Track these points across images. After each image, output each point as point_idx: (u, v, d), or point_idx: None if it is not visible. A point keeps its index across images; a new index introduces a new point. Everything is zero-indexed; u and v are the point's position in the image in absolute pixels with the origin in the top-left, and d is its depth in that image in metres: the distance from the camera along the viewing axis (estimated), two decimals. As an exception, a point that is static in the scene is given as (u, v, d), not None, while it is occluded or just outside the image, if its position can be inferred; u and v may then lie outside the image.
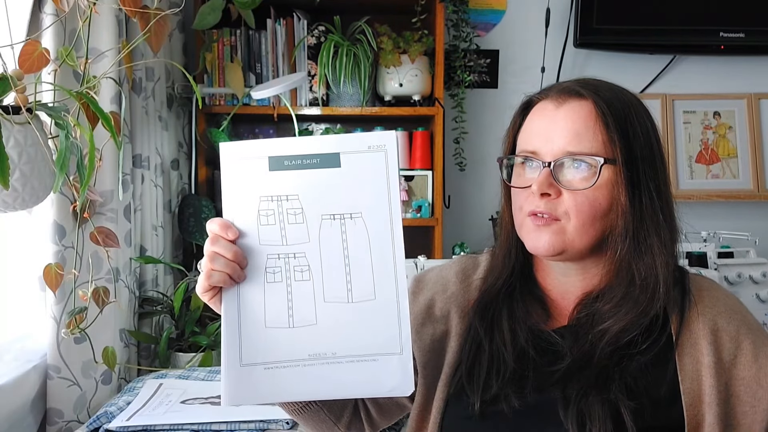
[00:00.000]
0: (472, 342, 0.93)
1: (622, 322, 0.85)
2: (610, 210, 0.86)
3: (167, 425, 1.29)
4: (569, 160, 0.86)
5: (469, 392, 0.89)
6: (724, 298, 0.91)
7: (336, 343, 0.80)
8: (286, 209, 0.80)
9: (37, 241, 1.43)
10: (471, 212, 2.49)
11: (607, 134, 0.85)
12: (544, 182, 0.86)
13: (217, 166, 2.23)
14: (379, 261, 0.80)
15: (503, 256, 0.97)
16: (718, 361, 0.84)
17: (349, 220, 0.80)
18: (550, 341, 0.90)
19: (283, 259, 0.80)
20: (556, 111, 0.88)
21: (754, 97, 2.49)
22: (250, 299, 0.80)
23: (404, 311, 0.80)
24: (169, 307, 1.82)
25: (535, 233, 0.87)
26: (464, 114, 2.38)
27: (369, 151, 0.81)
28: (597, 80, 0.92)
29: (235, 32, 2.18)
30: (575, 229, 0.86)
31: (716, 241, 2.07)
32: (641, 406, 0.82)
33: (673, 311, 0.88)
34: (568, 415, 0.83)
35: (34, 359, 1.43)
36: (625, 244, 0.86)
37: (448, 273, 1.03)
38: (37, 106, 1.10)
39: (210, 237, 0.81)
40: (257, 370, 0.79)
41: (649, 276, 0.86)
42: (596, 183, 0.84)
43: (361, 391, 0.82)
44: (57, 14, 1.36)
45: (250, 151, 0.81)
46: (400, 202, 0.81)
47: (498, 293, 0.95)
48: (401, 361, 0.80)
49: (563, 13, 2.43)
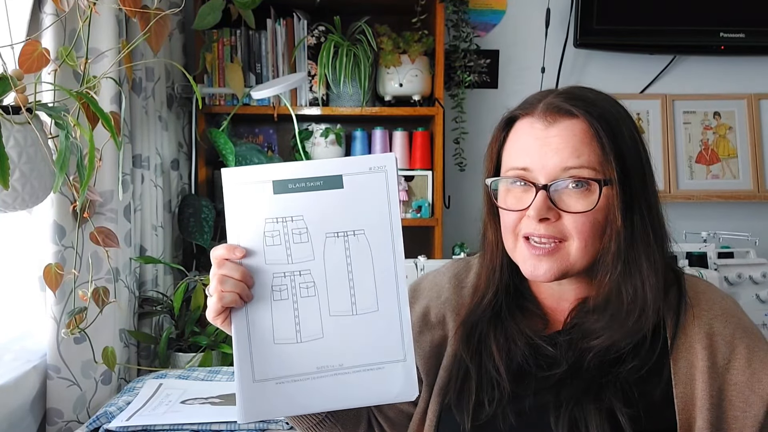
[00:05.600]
0: (459, 365, 0.93)
1: (609, 341, 0.85)
2: (606, 230, 0.85)
3: (167, 425, 1.29)
4: (565, 182, 0.84)
5: (458, 417, 0.89)
6: (721, 300, 0.90)
7: (342, 355, 0.83)
8: (291, 229, 0.83)
9: (37, 241, 1.43)
10: (471, 212, 2.49)
11: (603, 155, 0.83)
12: (542, 207, 0.84)
13: (217, 166, 2.25)
14: (381, 274, 0.84)
15: (487, 275, 0.95)
16: (713, 366, 0.84)
17: (353, 237, 0.83)
18: (545, 348, 0.89)
19: (289, 277, 0.83)
20: (546, 131, 0.85)
21: (754, 97, 2.49)
22: (258, 317, 0.83)
23: (406, 320, 0.84)
24: (169, 307, 1.82)
25: (534, 261, 0.86)
26: (464, 114, 2.38)
27: (370, 172, 0.84)
28: (584, 92, 0.89)
29: (235, 32, 2.18)
30: (578, 251, 0.85)
31: (716, 242, 2.07)
32: (637, 412, 0.82)
33: (669, 314, 0.87)
34: (559, 422, 0.83)
35: (34, 359, 1.44)
36: (617, 268, 0.85)
37: (442, 279, 1.03)
38: (37, 106, 1.10)
39: (216, 262, 0.83)
40: (269, 386, 0.83)
41: (636, 298, 0.85)
42: (597, 205, 0.83)
43: (369, 399, 0.85)
44: (57, 14, 1.36)
45: (253, 176, 0.83)
46: (400, 218, 0.85)
47: (483, 315, 0.93)
48: (405, 367, 0.84)
49: (563, 13, 2.43)
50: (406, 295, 0.84)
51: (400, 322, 0.83)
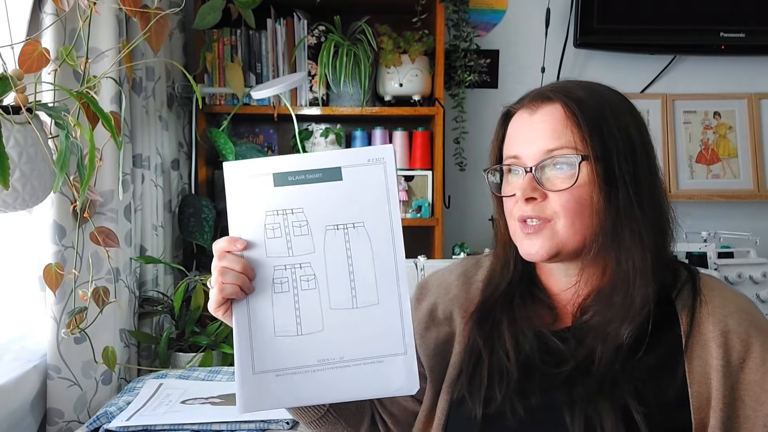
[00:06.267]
0: (471, 352, 0.93)
1: (611, 325, 0.85)
2: (592, 207, 0.86)
3: (167, 425, 1.29)
4: (550, 162, 0.87)
5: (471, 403, 0.89)
6: (736, 298, 0.90)
7: (343, 348, 0.83)
8: (292, 222, 0.83)
9: (37, 241, 1.43)
10: (471, 212, 2.49)
11: (579, 133, 0.86)
12: (528, 187, 0.87)
13: (217, 166, 2.25)
14: (381, 266, 0.84)
15: (501, 266, 0.97)
16: (727, 364, 0.84)
17: (352, 230, 0.84)
18: (554, 343, 0.89)
19: (290, 270, 0.84)
20: (531, 117, 0.90)
21: (754, 97, 2.49)
22: (259, 310, 0.83)
23: (406, 313, 0.84)
24: (169, 307, 1.82)
25: (528, 240, 0.88)
26: (464, 114, 2.38)
27: (369, 164, 0.84)
28: (573, 82, 0.93)
29: (235, 32, 2.18)
30: (565, 228, 0.86)
31: (716, 241, 2.07)
32: (651, 410, 0.82)
33: (683, 312, 0.87)
34: (574, 420, 0.83)
35: (34, 359, 1.44)
36: (598, 243, 0.86)
37: (450, 276, 1.04)
38: (37, 106, 1.10)
39: (217, 254, 0.83)
40: (269, 378, 0.83)
41: (620, 274, 0.85)
42: (577, 181, 0.85)
43: (369, 392, 0.86)
44: (57, 14, 1.36)
45: (254, 169, 0.84)
46: (399, 210, 0.85)
47: (496, 303, 0.95)
48: (405, 361, 0.84)
49: (563, 13, 2.43)
50: (407, 288, 0.84)
51: (400, 315, 0.84)
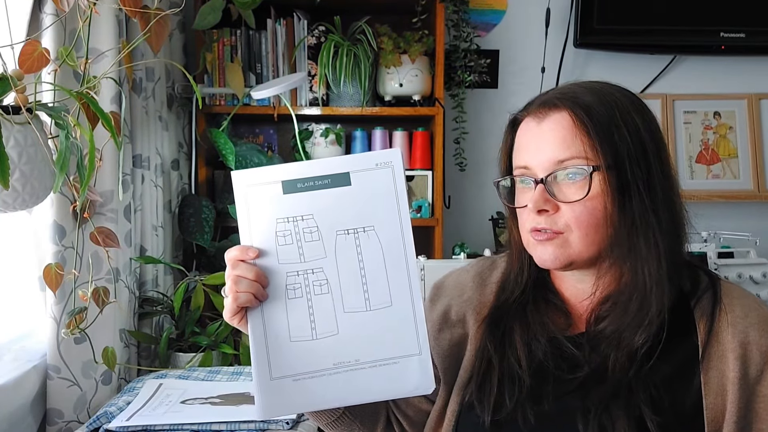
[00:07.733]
0: (482, 358, 0.93)
1: (625, 332, 0.84)
2: (606, 218, 0.85)
3: (167, 425, 1.29)
4: (562, 173, 0.85)
5: (480, 411, 0.89)
6: (758, 308, 0.87)
7: (358, 350, 0.84)
8: (302, 228, 0.84)
9: (37, 241, 1.43)
10: (471, 212, 2.49)
11: (589, 141, 0.84)
12: (540, 199, 0.86)
13: (217, 166, 2.25)
14: (393, 268, 0.84)
15: (515, 274, 0.97)
16: (744, 377, 0.82)
17: (363, 234, 0.85)
18: (569, 348, 0.89)
19: (303, 276, 0.84)
20: (539, 126, 0.88)
21: (754, 97, 2.49)
22: (273, 316, 0.84)
23: (420, 313, 0.85)
24: (169, 307, 1.82)
25: (541, 247, 0.87)
26: (464, 114, 2.38)
27: (377, 168, 0.85)
28: (580, 86, 0.90)
29: (235, 32, 2.18)
30: (579, 240, 0.85)
31: (716, 242, 2.07)
32: (666, 420, 0.81)
33: (701, 320, 0.85)
34: (588, 427, 0.82)
35: (34, 359, 1.44)
36: (614, 252, 0.85)
37: (465, 278, 1.03)
38: (37, 106, 1.10)
39: (230, 263, 0.84)
40: (287, 383, 0.84)
41: (637, 284, 0.84)
42: (589, 192, 0.83)
43: (385, 393, 0.86)
44: (57, 14, 1.36)
45: (263, 178, 0.84)
46: (408, 212, 0.85)
47: (509, 309, 0.94)
48: (421, 361, 0.84)
49: (563, 13, 2.43)
50: (419, 288, 0.85)
51: (414, 316, 0.84)
